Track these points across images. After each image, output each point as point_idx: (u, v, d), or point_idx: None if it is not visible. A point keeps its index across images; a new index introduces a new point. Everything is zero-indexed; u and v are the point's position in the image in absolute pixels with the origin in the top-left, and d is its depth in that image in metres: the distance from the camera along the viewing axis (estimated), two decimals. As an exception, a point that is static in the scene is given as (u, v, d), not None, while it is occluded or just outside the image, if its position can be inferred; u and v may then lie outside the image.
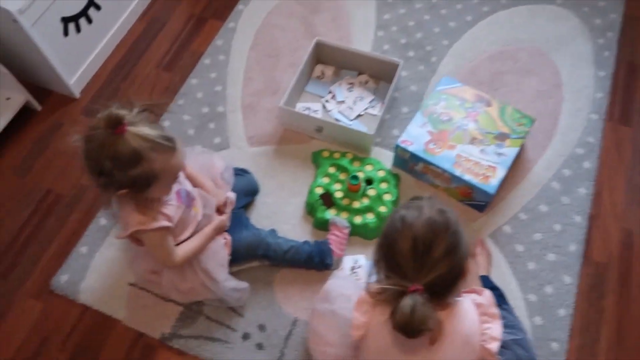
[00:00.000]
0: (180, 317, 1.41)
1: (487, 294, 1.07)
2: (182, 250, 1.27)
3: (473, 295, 1.06)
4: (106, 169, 1.05)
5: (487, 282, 1.33)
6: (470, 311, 1.03)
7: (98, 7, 1.76)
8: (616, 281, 1.43)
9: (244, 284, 1.38)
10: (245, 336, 1.38)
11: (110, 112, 1.02)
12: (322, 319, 1.28)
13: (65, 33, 1.67)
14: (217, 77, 1.82)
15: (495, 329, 1.03)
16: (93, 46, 1.82)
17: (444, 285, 0.94)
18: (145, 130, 1.05)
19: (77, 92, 1.79)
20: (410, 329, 0.90)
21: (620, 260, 1.46)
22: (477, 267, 1.39)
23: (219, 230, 1.35)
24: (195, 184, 1.36)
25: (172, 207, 1.22)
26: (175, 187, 1.24)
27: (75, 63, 1.76)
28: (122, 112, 1.03)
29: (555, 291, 1.41)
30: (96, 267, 1.49)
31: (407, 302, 0.89)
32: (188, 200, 1.29)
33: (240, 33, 1.92)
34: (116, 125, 1.01)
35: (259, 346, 1.37)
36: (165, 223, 1.19)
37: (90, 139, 1.05)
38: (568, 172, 1.58)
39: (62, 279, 1.47)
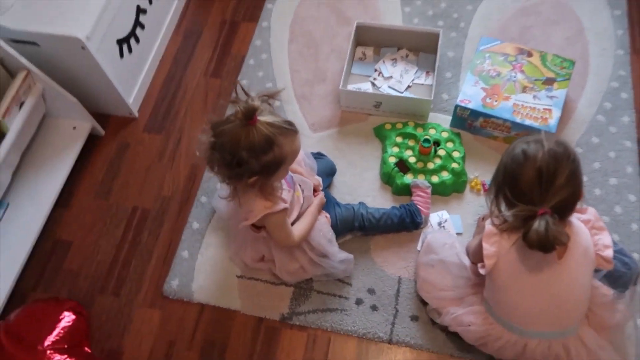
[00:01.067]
0: (294, 296, 1.51)
1: (592, 210, 1.20)
2: (298, 230, 1.37)
3: (577, 215, 1.20)
4: (243, 159, 1.14)
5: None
6: (582, 226, 1.16)
7: (142, 26, 1.83)
8: (673, 192, 1.59)
9: (350, 255, 1.48)
10: (359, 301, 1.49)
11: (248, 104, 1.11)
12: (431, 269, 1.40)
13: (121, 54, 1.74)
14: (265, 74, 1.92)
15: (606, 238, 1.17)
16: (142, 64, 1.89)
17: (566, 207, 1.07)
18: (271, 118, 1.14)
19: (135, 111, 1.86)
20: (547, 244, 1.02)
21: (672, 173, 1.62)
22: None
23: (321, 207, 1.46)
24: (292, 170, 1.45)
25: (285, 192, 1.32)
26: None
27: (131, 83, 1.83)
28: (256, 103, 1.12)
29: (623, 210, 1.57)
30: (201, 268, 1.58)
31: (540, 222, 1.01)
32: (293, 185, 1.39)
33: (276, 30, 2.02)
34: (251, 116, 1.11)
35: (374, 308, 1.48)
36: (285, 205, 1.29)
37: (222, 133, 1.14)
38: (609, 105, 1.74)
39: (172, 284, 1.55)
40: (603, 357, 1.23)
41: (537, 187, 1.04)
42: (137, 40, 1.82)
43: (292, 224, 1.39)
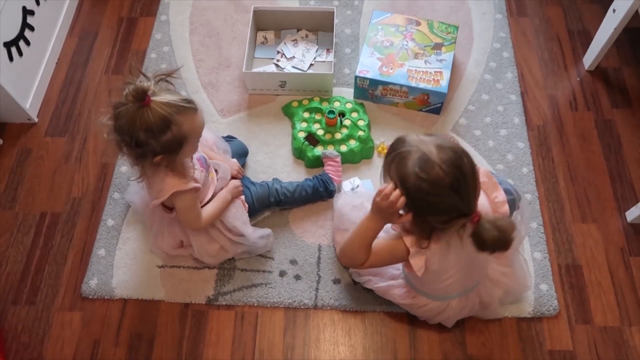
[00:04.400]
0: (218, 278, 1.52)
1: (483, 170, 1.22)
2: (205, 213, 1.38)
3: None
4: (141, 140, 1.14)
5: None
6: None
7: (32, 28, 1.77)
8: (555, 135, 1.76)
9: (267, 230, 1.52)
10: (282, 273, 1.53)
11: (136, 85, 1.11)
12: (346, 233, 1.45)
13: (10, 58, 1.67)
14: (169, 66, 1.90)
15: (500, 195, 1.24)
16: (37, 67, 1.82)
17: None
18: (167, 97, 1.15)
19: (34, 115, 1.79)
20: (503, 243, 1.03)
21: (553, 119, 1.79)
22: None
23: (235, 193, 1.47)
24: (207, 155, 1.46)
25: (197, 172, 1.33)
26: (196, 155, 1.35)
27: (26, 88, 1.76)
28: (146, 84, 1.12)
29: (514, 157, 1.71)
30: (120, 263, 1.55)
31: (485, 227, 1.01)
32: (206, 166, 1.40)
33: (175, 23, 2.01)
34: (143, 97, 1.11)
35: (297, 277, 1.52)
36: (197, 184, 1.30)
37: (119, 116, 1.14)
38: (494, 64, 1.89)
39: (91, 284, 1.51)
40: (507, 282, 1.34)
41: (460, 201, 1.02)
42: (28, 42, 1.75)
43: (207, 204, 1.40)
